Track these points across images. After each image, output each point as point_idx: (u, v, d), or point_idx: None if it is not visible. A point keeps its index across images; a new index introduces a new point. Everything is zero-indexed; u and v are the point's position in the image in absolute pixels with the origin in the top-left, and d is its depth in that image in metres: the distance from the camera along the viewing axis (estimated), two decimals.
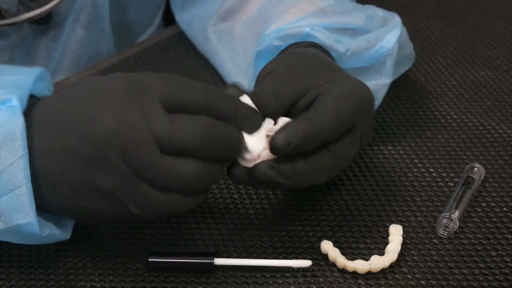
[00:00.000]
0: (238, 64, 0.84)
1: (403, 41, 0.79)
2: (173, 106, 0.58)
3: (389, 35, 0.76)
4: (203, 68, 0.91)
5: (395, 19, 0.79)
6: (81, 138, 0.57)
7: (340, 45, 0.74)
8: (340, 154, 0.63)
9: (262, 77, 0.67)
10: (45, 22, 0.87)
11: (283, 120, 0.62)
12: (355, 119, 0.64)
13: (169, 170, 0.57)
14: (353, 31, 0.77)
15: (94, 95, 0.58)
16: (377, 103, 0.77)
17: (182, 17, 0.95)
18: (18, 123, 0.58)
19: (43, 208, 0.60)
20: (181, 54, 0.95)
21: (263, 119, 0.62)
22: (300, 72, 0.67)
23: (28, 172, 0.58)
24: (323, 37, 0.74)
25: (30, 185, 0.58)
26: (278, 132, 0.61)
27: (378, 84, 0.76)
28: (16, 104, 0.59)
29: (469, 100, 0.86)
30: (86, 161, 0.57)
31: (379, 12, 0.79)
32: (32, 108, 0.60)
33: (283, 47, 0.76)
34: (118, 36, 0.97)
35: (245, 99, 0.62)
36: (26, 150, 0.58)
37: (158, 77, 0.59)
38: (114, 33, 0.96)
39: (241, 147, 0.61)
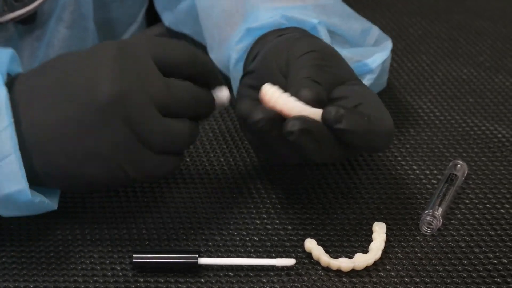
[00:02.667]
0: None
1: (384, 68, 0.79)
2: (163, 67, 0.62)
3: (376, 55, 0.76)
4: None
5: (387, 44, 0.79)
6: (82, 105, 0.59)
7: None
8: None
9: (300, 56, 0.66)
10: (30, 22, 0.87)
11: (272, 86, 0.62)
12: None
13: (169, 130, 0.61)
14: (344, 40, 0.77)
15: (88, 64, 0.61)
16: None
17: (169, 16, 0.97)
18: (1, 94, 0.60)
19: (32, 179, 0.61)
20: None
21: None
22: (335, 62, 0.67)
23: (15, 141, 0.59)
24: (324, 37, 0.74)
25: (19, 153, 0.59)
26: (337, 104, 0.61)
27: None
28: None
29: (452, 97, 0.86)
30: (87, 128, 0.59)
31: (375, 30, 0.79)
32: (13, 83, 0.62)
33: (283, 27, 0.75)
34: (102, 35, 0.97)
35: None
36: (12, 120, 0.59)
37: (147, 40, 0.63)
38: (98, 31, 0.96)
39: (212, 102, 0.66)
